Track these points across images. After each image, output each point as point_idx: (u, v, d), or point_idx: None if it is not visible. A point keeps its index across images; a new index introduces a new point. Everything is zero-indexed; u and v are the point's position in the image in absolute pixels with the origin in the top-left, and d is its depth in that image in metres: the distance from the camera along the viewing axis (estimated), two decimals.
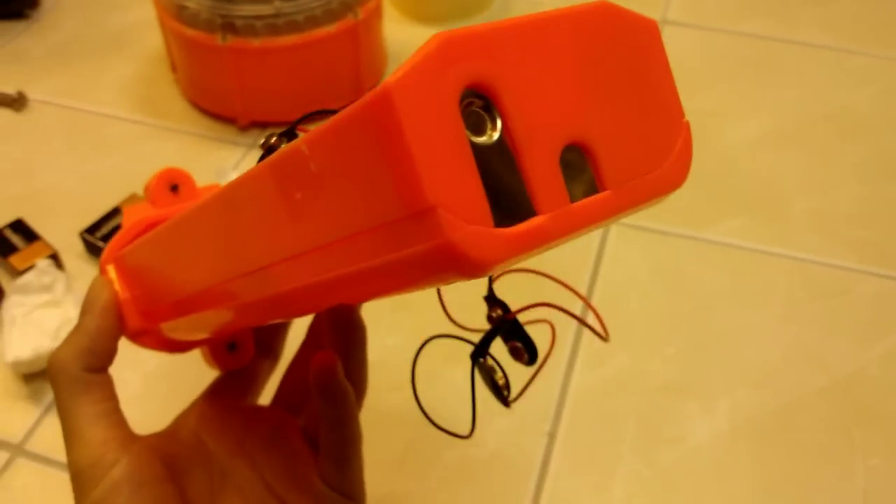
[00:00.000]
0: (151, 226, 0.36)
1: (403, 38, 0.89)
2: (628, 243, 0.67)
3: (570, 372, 0.58)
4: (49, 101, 0.80)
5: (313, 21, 0.72)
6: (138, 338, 0.36)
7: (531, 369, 0.30)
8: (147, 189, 0.37)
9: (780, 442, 0.55)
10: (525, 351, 0.29)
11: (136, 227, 0.36)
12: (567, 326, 0.61)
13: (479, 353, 0.30)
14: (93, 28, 0.90)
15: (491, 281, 0.29)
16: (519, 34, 0.19)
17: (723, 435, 0.55)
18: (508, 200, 0.19)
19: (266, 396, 0.42)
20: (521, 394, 0.31)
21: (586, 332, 0.61)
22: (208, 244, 0.28)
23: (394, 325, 0.60)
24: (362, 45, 0.75)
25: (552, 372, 0.58)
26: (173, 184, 0.37)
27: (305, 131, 0.25)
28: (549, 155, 0.20)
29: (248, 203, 0.24)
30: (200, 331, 0.36)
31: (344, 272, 0.21)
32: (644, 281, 0.65)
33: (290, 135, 0.27)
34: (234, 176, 0.67)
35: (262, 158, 0.25)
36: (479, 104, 0.19)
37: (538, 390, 0.57)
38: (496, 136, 0.19)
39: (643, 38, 0.22)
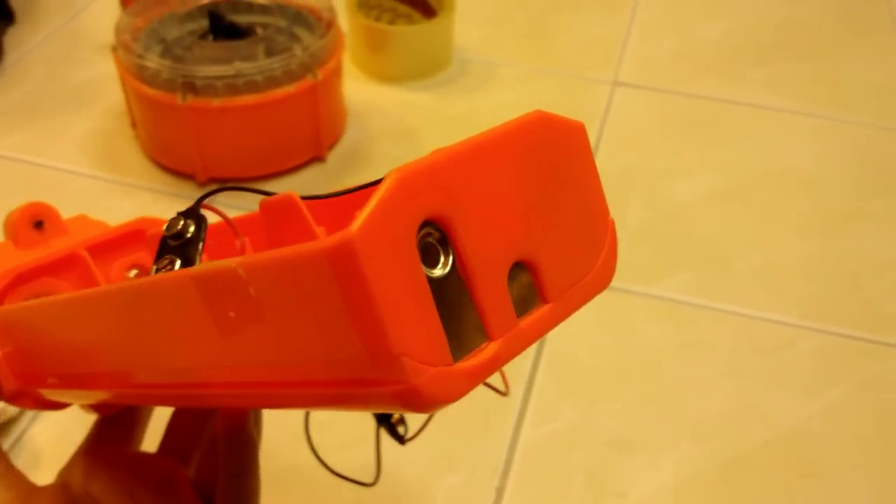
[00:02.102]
0: (22, 277, 0.33)
1: (363, 96, 0.91)
2: None
3: (519, 426, 0.59)
4: (9, 157, 0.81)
5: (273, 81, 0.73)
6: (15, 399, 0.33)
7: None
8: (7, 225, 0.34)
9: (723, 496, 0.56)
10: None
11: (4, 278, 0.33)
12: (518, 381, 0.62)
13: None
14: (55, 84, 0.91)
15: None
16: (466, 163, 0.19)
17: (668, 489, 0.56)
18: (460, 330, 0.19)
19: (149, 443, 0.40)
20: (418, 432, 0.31)
21: (536, 386, 0.62)
22: (118, 331, 0.26)
23: None
24: (321, 105, 0.77)
25: (501, 426, 0.59)
26: (37, 220, 0.35)
27: (211, 209, 0.26)
28: (498, 279, 0.20)
29: (167, 305, 0.23)
30: (86, 401, 0.34)
31: (275, 391, 0.20)
32: (594, 336, 0.66)
33: (193, 215, 0.26)
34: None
35: (163, 242, 0.25)
36: (435, 236, 0.19)
37: (487, 444, 0.58)
38: (448, 267, 0.19)
39: (572, 140, 0.23)
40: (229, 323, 0.20)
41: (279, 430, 0.56)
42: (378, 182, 0.20)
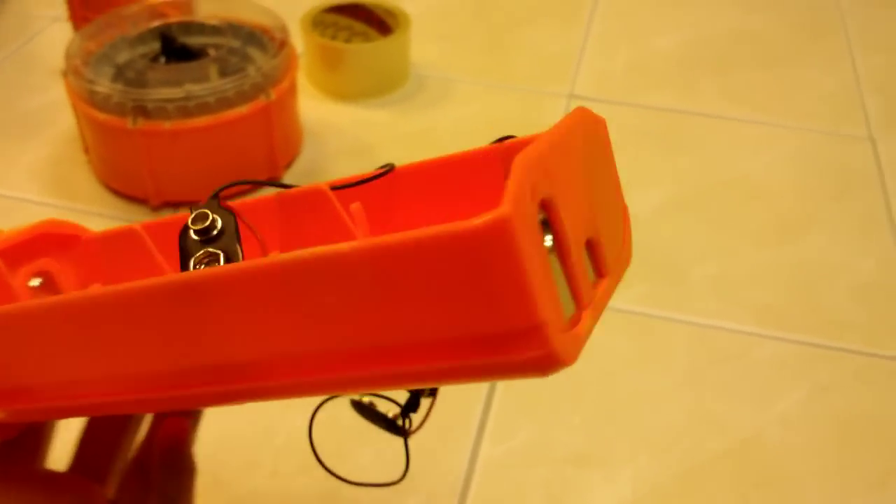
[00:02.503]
0: None
1: (320, 114, 0.91)
2: None
3: (478, 444, 0.59)
4: None
5: (225, 103, 0.73)
6: None
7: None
8: None
9: None
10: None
11: None
12: (476, 399, 0.62)
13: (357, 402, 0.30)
14: (6, 110, 0.90)
15: None
16: (558, 149, 0.22)
17: (626, 503, 0.56)
18: (562, 300, 0.21)
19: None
20: (421, 424, 0.31)
21: (494, 403, 0.62)
22: (122, 336, 0.25)
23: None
24: (275, 125, 0.77)
25: (460, 445, 0.59)
26: None
27: (227, 200, 0.27)
28: (581, 255, 0.22)
29: (236, 296, 0.22)
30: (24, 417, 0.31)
31: (384, 371, 0.21)
32: None
33: (219, 209, 0.27)
34: None
35: (186, 238, 0.25)
36: (541, 216, 0.21)
37: (446, 464, 0.58)
38: (550, 244, 0.21)
39: (603, 133, 0.26)
40: (327, 308, 0.21)
41: (233, 455, 0.56)
42: (386, 171, 0.25)
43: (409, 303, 0.20)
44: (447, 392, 0.30)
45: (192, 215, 0.26)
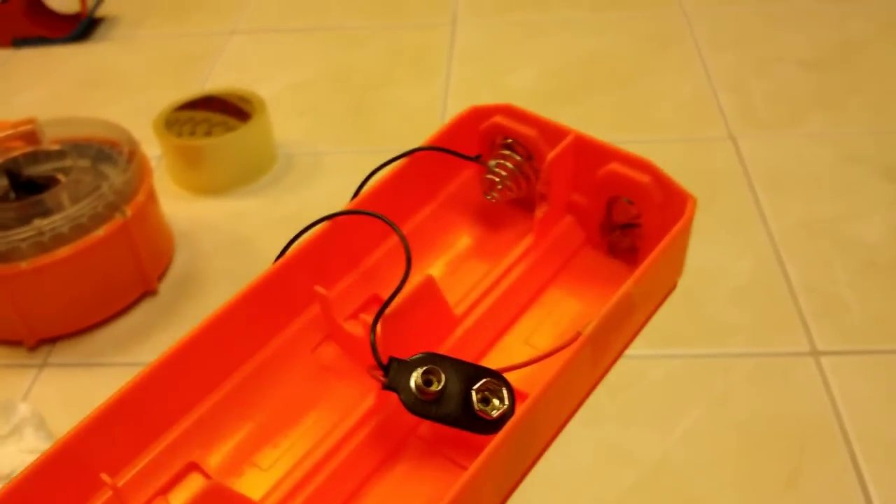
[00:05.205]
0: None
1: (189, 213, 0.89)
2: None
3: None
4: None
5: (81, 229, 0.71)
6: None
7: None
8: None
9: None
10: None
11: None
12: None
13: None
14: None
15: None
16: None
17: None
18: None
19: None
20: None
21: None
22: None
23: None
24: (138, 240, 0.75)
25: None
26: None
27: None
28: None
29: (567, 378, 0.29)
30: None
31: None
32: None
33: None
34: (23, 409, 0.65)
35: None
36: None
37: None
38: None
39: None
40: (609, 343, 0.31)
41: None
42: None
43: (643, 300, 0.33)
44: None
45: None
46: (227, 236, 0.87)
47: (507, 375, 0.30)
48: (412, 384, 0.28)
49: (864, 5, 1.17)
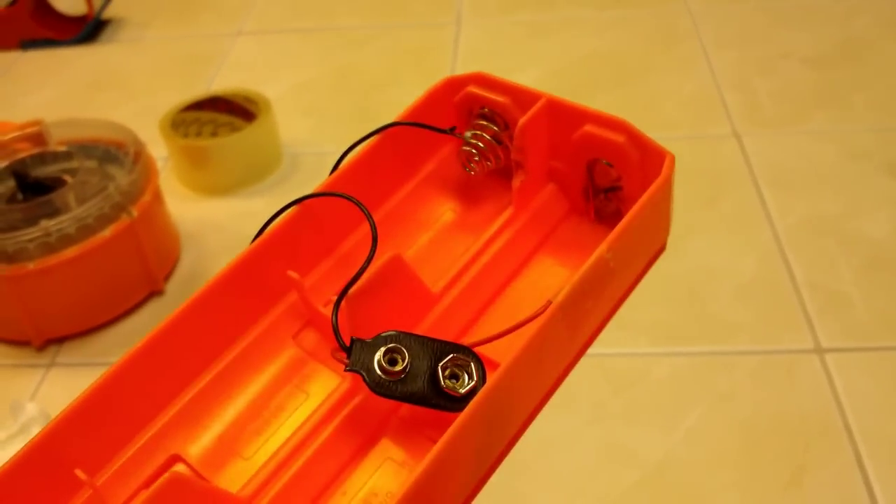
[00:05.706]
0: None
1: (196, 214, 0.90)
2: None
3: None
4: None
5: (87, 230, 0.72)
6: None
7: None
8: None
9: None
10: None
11: None
12: None
13: None
14: None
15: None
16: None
17: None
18: None
19: None
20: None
21: None
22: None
23: None
24: (144, 240, 0.76)
25: None
26: None
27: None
28: None
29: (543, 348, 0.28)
30: None
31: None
32: None
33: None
34: (31, 409, 0.65)
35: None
36: None
37: None
38: None
39: None
40: (586, 311, 0.29)
41: None
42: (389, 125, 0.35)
43: (622, 267, 0.32)
44: None
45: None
46: (233, 236, 0.87)
47: (482, 350, 0.29)
48: (375, 364, 0.27)
49: (869, 2, 1.17)
